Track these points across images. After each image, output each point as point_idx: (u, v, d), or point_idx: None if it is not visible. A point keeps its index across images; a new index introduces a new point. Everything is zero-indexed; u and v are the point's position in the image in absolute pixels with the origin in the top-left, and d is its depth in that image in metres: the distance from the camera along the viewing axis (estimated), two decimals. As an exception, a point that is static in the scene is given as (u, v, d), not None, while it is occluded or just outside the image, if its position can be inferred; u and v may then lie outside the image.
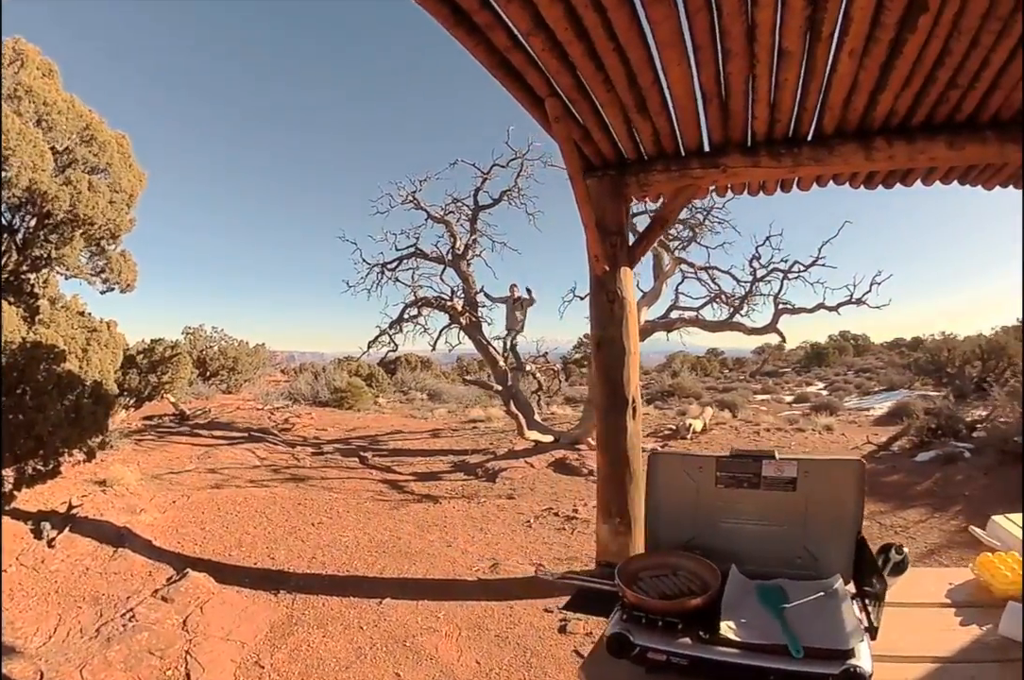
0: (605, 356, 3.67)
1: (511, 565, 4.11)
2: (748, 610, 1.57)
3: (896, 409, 10.42)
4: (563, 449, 7.70)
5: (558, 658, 3.03)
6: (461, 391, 16.65)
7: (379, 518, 5.23)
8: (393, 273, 9.72)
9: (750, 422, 10.12)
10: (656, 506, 1.85)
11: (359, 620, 3.38)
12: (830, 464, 1.72)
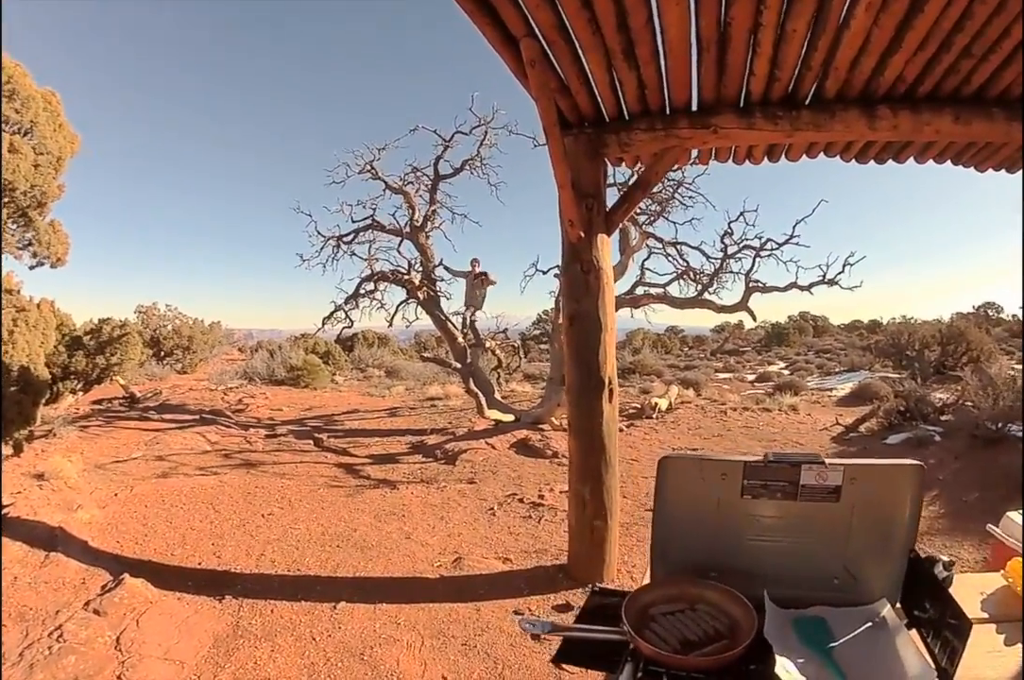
0: (579, 332, 3.29)
1: (475, 559, 3.76)
2: (792, 652, 1.26)
3: (859, 390, 10.42)
4: (525, 429, 7.36)
5: (533, 670, 2.69)
6: (419, 368, 16.18)
7: (334, 507, 4.82)
8: (349, 246, 9.18)
9: (716, 401, 9.95)
10: (666, 520, 1.52)
11: (311, 630, 2.99)
12: (883, 469, 1.40)
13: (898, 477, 1.38)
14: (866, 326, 31.11)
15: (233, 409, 8.86)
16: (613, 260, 3.56)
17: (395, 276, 8.59)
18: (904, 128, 2.87)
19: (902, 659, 1.25)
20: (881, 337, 15.34)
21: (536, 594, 3.33)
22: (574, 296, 3.28)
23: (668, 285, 9.39)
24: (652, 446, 6.86)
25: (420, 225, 8.82)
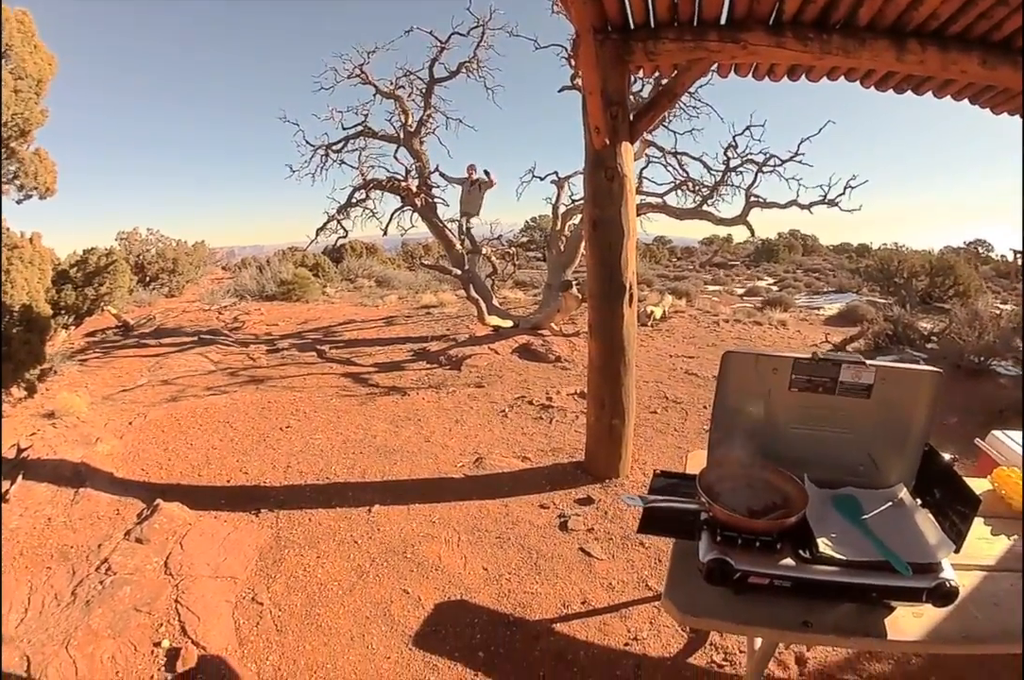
0: (602, 239, 3.28)
1: (495, 459, 3.86)
2: (832, 523, 1.49)
3: (847, 311, 10.47)
4: (525, 334, 7.37)
5: (565, 558, 2.84)
6: (409, 277, 15.96)
7: (349, 415, 4.88)
8: (339, 155, 8.70)
9: (708, 312, 9.93)
10: (726, 408, 1.71)
11: (351, 534, 3.10)
12: (908, 372, 1.60)
13: (920, 380, 1.56)
14: (855, 249, 30.62)
15: (230, 327, 8.76)
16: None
17: (391, 183, 8.19)
18: (931, 64, 2.82)
19: (922, 531, 1.46)
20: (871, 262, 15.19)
21: (558, 489, 3.46)
22: (598, 202, 3.25)
23: (666, 195, 9.12)
24: (650, 353, 6.92)
25: (414, 130, 8.33)
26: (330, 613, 2.56)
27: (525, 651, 2.33)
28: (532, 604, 2.56)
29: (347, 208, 8.62)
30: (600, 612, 2.52)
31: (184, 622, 2.44)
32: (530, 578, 2.71)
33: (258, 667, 2.29)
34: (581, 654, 2.31)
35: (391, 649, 2.37)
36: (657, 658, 2.27)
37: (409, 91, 8.51)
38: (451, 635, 2.42)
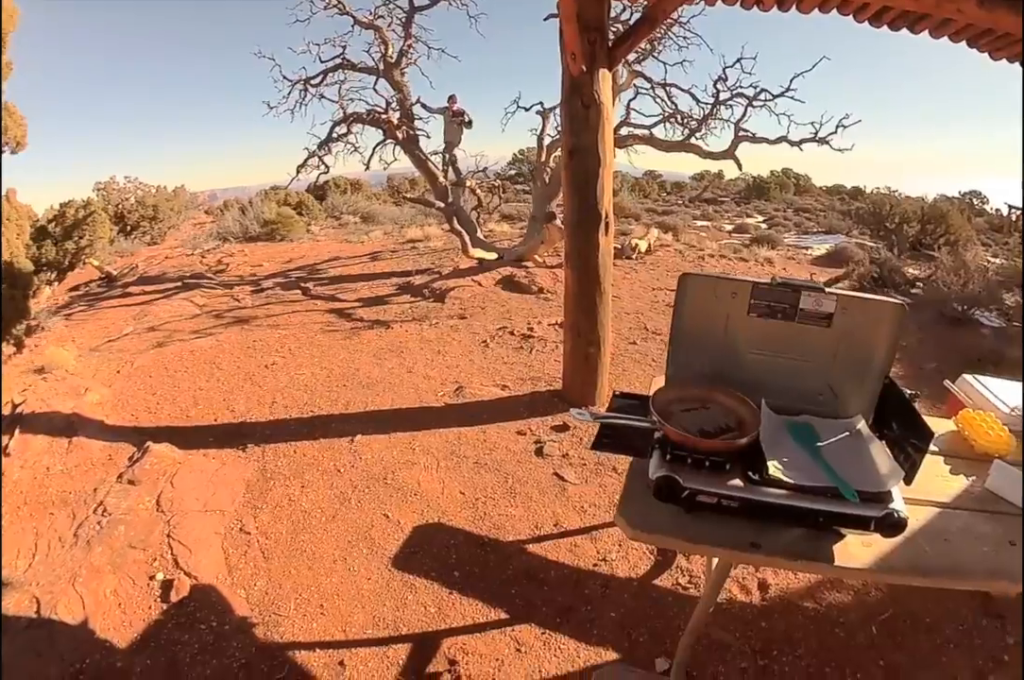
0: (578, 167, 3.20)
1: (475, 388, 3.87)
2: (785, 448, 1.47)
3: (835, 252, 10.17)
4: (509, 266, 7.24)
5: (540, 482, 2.88)
6: (395, 212, 15.52)
7: (333, 350, 4.85)
8: (317, 89, 8.15)
9: (694, 247, 9.67)
10: (682, 331, 1.68)
11: (334, 463, 3.13)
12: (871, 303, 1.56)
13: (883, 312, 1.52)
14: (848, 191, 29.36)
15: (214, 270, 8.56)
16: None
17: (371, 116, 7.77)
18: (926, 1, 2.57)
19: (875, 461, 1.44)
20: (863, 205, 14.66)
21: (535, 417, 3.48)
22: (574, 130, 3.18)
23: (654, 127, 8.63)
24: (633, 285, 6.81)
25: (394, 61, 7.80)
26: (314, 539, 2.62)
27: (498, 570, 2.40)
28: (506, 526, 2.62)
29: (328, 143, 8.18)
30: (571, 534, 2.58)
31: (176, 555, 2.51)
32: (505, 501, 2.76)
33: (247, 593, 2.37)
34: (551, 573, 2.38)
35: (372, 571, 2.43)
36: (624, 578, 2.34)
37: (389, 21, 7.90)
38: (428, 556, 2.49)
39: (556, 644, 2.12)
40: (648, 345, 4.76)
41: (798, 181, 30.37)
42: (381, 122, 7.71)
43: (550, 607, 2.24)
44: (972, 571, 1.35)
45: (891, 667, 2.01)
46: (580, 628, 2.16)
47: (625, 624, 2.16)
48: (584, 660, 2.06)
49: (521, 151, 23.99)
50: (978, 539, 1.44)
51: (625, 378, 4.09)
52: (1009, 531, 1.47)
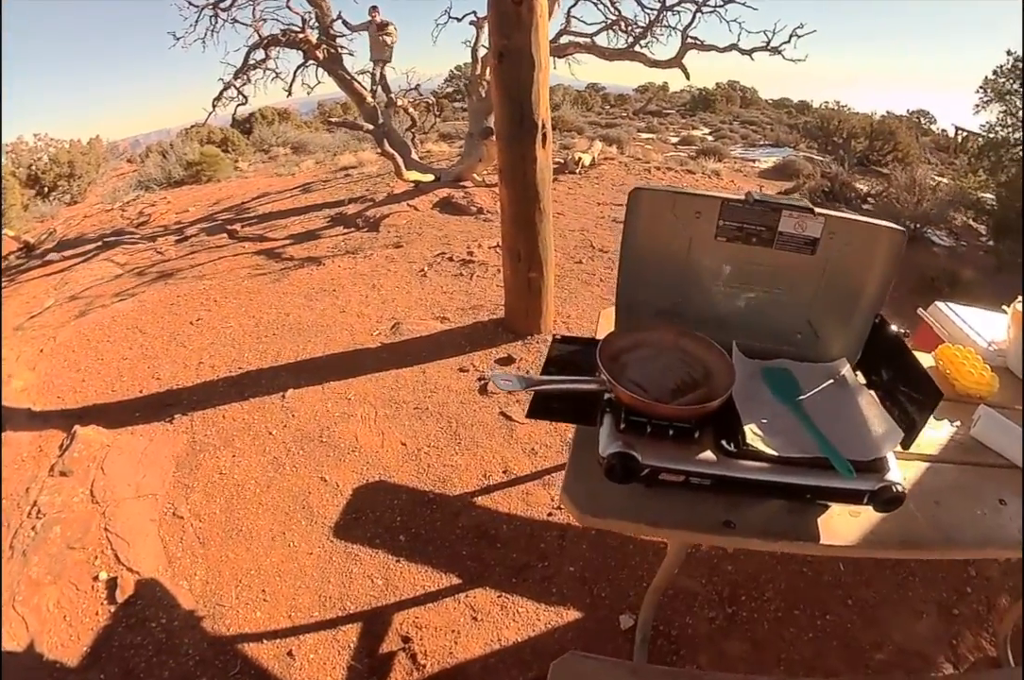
0: (509, 71, 2.71)
1: (413, 323, 3.43)
2: (763, 404, 1.16)
3: (782, 165, 9.55)
4: (446, 188, 6.54)
5: (486, 424, 2.52)
6: (327, 139, 14.17)
7: (262, 295, 4.30)
8: (228, 13, 6.91)
9: (639, 160, 8.88)
10: (634, 258, 1.28)
11: (266, 425, 2.73)
12: (865, 228, 1.20)
13: (878, 238, 1.19)
14: (795, 105, 27.60)
15: (135, 224, 7.63)
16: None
17: (288, 37, 6.66)
18: None
19: (867, 418, 1.14)
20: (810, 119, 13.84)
21: (478, 350, 3.08)
22: (504, 31, 2.65)
23: (596, 35, 7.63)
24: (577, 201, 6.21)
25: None
26: (249, 515, 2.27)
27: (447, 530, 2.09)
28: (452, 478, 2.29)
29: (244, 72, 7.08)
30: (522, 481, 2.27)
31: (116, 550, 2.16)
32: (450, 449, 2.42)
33: (189, 584, 2.04)
34: (504, 528, 2.08)
35: (312, 544, 2.11)
36: (582, 528, 2.05)
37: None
38: (371, 521, 2.16)
39: (513, 608, 1.85)
40: (596, 264, 4.32)
41: (744, 94, 28.82)
42: (299, 42, 6.64)
43: (504, 566, 1.96)
44: (964, 539, 1.11)
45: (861, 605, 1.82)
46: (538, 587, 1.90)
47: (585, 579, 1.90)
48: (544, 622, 1.81)
49: (458, 67, 21.96)
50: (969, 499, 1.21)
51: (572, 301, 3.68)
52: (999, 487, 1.25)
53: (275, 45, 6.89)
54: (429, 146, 11.06)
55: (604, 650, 1.73)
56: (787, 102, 29.39)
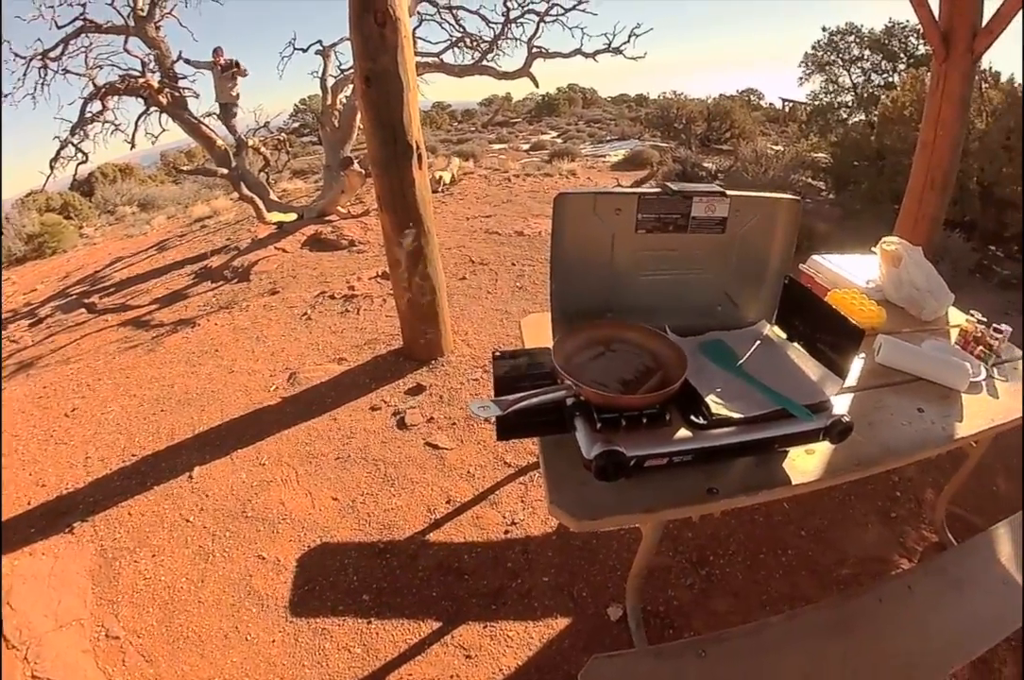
0: (378, 94, 2.54)
1: (310, 369, 3.09)
2: (710, 376, 1.17)
3: (631, 156, 9.68)
4: (312, 225, 6.05)
5: (415, 459, 2.29)
6: (176, 191, 12.72)
7: (139, 370, 3.71)
8: (59, 62, 5.90)
9: (497, 170, 8.75)
10: (564, 262, 1.22)
11: (179, 512, 2.32)
12: (764, 201, 1.25)
13: (778, 209, 1.24)
14: (634, 99, 28.48)
15: (-23, 311, 6.44)
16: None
17: (127, 84, 5.70)
18: None
19: (802, 368, 1.20)
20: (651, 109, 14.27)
21: (384, 385, 2.82)
22: (369, 54, 2.45)
23: (443, 53, 7.45)
24: (446, 219, 5.97)
25: (146, 14, 5.72)
26: (192, 618, 1.89)
27: (408, 576, 1.86)
28: (397, 521, 2.05)
29: (82, 126, 6.04)
30: (468, 506, 2.08)
31: None
32: (385, 493, 2.17)
33: None
34: (465, 558, 1.89)
35: (272, 631, 1.79)
36: (541, 536, 1.91)
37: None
38: (327, 588, 1.88)
39: (502, 634, 1.68)
40: (479, 277, 4.15)
41: (585, 94, 29.55)
42: (140, 88, 5.75)
43: (479, 596, 1.78)
44: (901, 448, 1.21)
45: (814, 533, 1.86)
46: (519, 607, 1.74)
47: (561, 585, 1.77)
48: (538, 639, 1.66)
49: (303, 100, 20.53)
50: (893, 415, 1.30)
51: (466, 317, 3.49)
52: (913, 399, 1.37)
53: (113, 94, 5.97)
54: (284, 185, 10.30)
55: (603, 645, 1.64)
56: (626, 97, 30.69)
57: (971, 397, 1.38)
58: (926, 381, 1.42)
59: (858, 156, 5.77)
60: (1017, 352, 1.60)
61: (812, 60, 10.11)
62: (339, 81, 7.18)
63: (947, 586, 1.37)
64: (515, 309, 3.62)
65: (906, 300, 1.74)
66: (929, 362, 1.43)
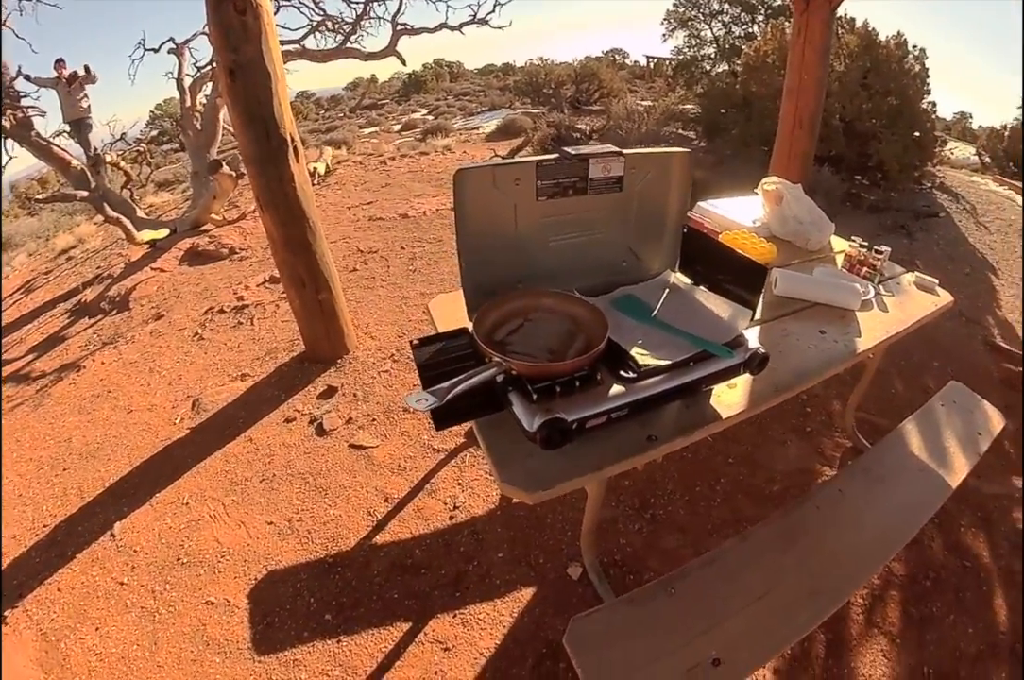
0: (245, 88, 2.22)
1: (212, 393, 2.77)
2: (629, 330, 1.14)
3: (504, 126, 9.19)
4: (187, 238, 5.38)
5: (341, 463, 2.12)
6: (33, 225, 10.97)
7: (30, 430, 3.20)
8: None
9: (372, 155, 8.01)
10: (470, 239, 1.13)
11: (111, 576, 2.05)
12: (658, 157, 1.21)
13: (671, 162, 1.23)
14: (501, 69, 26.46)
15: None
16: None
17: None
18: None
19: (712, 308, 1.19)
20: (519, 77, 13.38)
21: (294, 394, 2.57)
22: (231, 44, 2.13)
23: (304, 39, 6.71)
24: (327, 210, 5.44)
25: None
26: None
27: (365, 584, 1.73)
28: (340, 532, 1.89)
29: None
30: (407, 500, 1.95)
31: None
32: (320, 506, 1.99)
33: None
34: (417, 552, 1.77)
35: (243, 676, 1.63)
36: (486, 514, 1.82)
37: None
38: (286, 618, 1.71)
39: (473, 619, 1.61)
40: (371, 267, 3.84)
41: (452, 68, 27.69)
42: None
43: (441, 587, 1.68)
44: (812, 368, 1.26)
45: (740, 458, 1.88)
46: (482, 588, 1.67)
47: (517, 557, 1.71)
48: (509, 614, 1.61)
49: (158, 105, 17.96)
50: (799, 340, 1.35)
51: (364, 309, 3.22)
52: (813, 323, 1.42)
53: (-58, 127, 4.92)
54: (151, 199, 9.16)
55: (572, 605, 1.60)
56: (492, 68, 29.11)
57: (865, 314, 1.45)
58: (823, 305, 1.47)
59: (725, 104, 5.83)
60: (898, 269, 1.68)
61: (674, 17, 10.04)
62: (197, 80, 6.45)
63: (873, 483, 1.44)
64: (412, 293, 3.40)
65: (792, 234, 1.77)
66: (823, 288, 1.47)
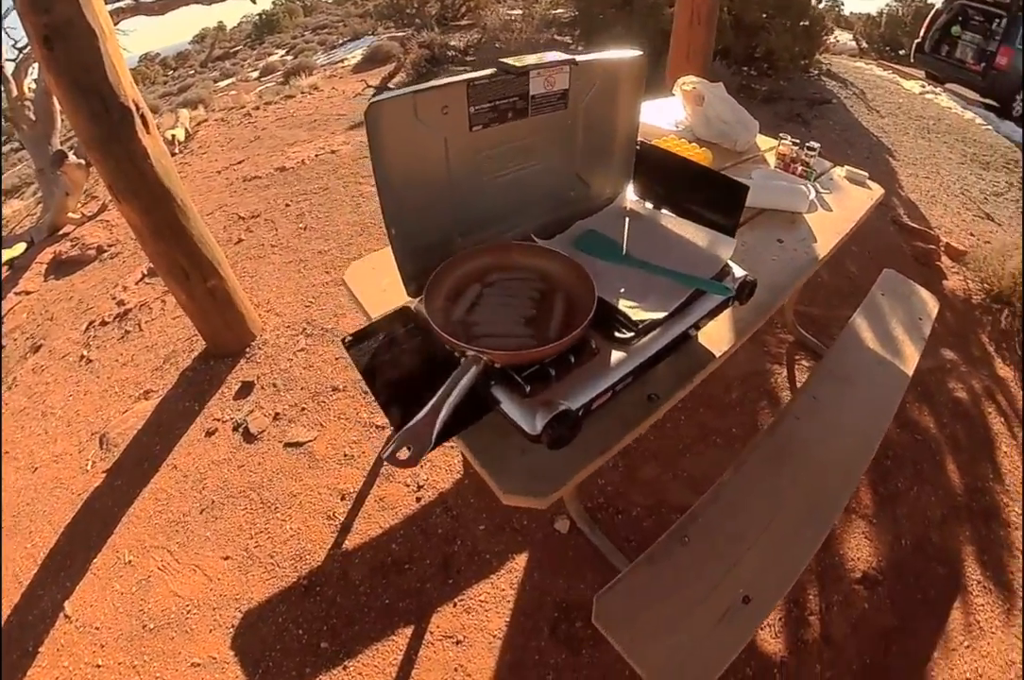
0: (67, 55, 1.61)
1: (117, 423, 2.25)
2: (606, 276, 0.86)
3: (371, 54, 7.98)
4: (47, 247, 4.49)
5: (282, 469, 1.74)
6: None
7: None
8: None
9: (233, 108, 6.73)
10: (392, 185, 0.75)
11: (84, 661, 1.67)
12: (607, 63, 0.90)
13: (620, 68, 0.92)
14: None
15: None
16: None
17: None
18: None
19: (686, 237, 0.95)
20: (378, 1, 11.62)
21: (208, 400, 2.11)
22: (40, 5, 1.52)
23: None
24: (195, 181, 4.51)
25: None
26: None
27: (351, 598, 1.44)
28: (304, 546, 1.55)
29: None
30: (366, 491, 1.62)
31: None
32: (274, 522, 1.62)
33: None
34: (394, 548, 1.46)
35: (246, 738, 1.34)
36: (454, 487, 1.53)
37: None
38: (280, 658, 1.41)
39: (475, 602, 1.36)
40: (257, 233, 3.18)
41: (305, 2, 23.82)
42: None
43: (431, 578, 1.41)
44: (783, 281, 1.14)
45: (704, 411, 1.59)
46: (474, 568, 1.41)
47: (500, 525, 1.46)
48: (509, 586, 1.38)
49: None
50: (762, 253, 1.21)
51: (260, 286, 2.65)
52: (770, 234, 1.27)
53: None
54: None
55: (569, 559, 1.40)
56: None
57: (813, 216, 1.33)
58: (771, 210, 1.33)
59: (603, 5, 5.40)
60: (827, 164, 1.54)
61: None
62: (20, 64, 5.32)
63: (840, 384, 1.36)
64: (309, 254, 2.84)
65: (718, 136, 1.59)
66: (771, 192, 1.32)
